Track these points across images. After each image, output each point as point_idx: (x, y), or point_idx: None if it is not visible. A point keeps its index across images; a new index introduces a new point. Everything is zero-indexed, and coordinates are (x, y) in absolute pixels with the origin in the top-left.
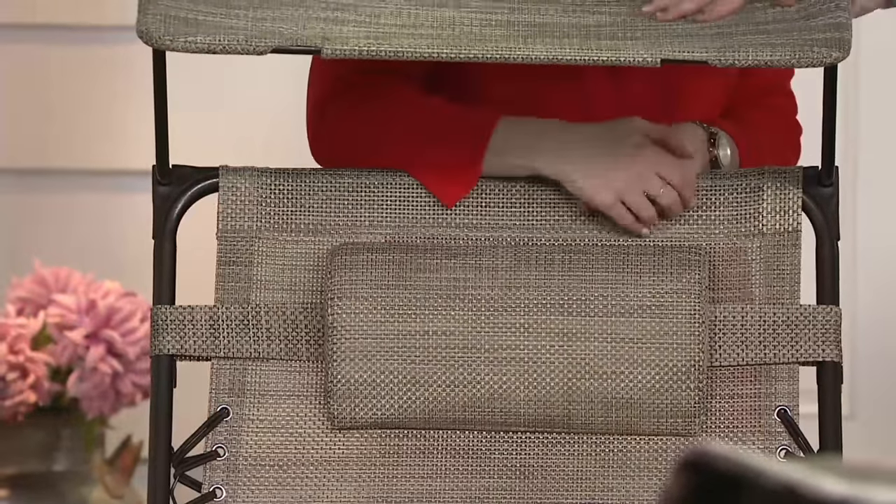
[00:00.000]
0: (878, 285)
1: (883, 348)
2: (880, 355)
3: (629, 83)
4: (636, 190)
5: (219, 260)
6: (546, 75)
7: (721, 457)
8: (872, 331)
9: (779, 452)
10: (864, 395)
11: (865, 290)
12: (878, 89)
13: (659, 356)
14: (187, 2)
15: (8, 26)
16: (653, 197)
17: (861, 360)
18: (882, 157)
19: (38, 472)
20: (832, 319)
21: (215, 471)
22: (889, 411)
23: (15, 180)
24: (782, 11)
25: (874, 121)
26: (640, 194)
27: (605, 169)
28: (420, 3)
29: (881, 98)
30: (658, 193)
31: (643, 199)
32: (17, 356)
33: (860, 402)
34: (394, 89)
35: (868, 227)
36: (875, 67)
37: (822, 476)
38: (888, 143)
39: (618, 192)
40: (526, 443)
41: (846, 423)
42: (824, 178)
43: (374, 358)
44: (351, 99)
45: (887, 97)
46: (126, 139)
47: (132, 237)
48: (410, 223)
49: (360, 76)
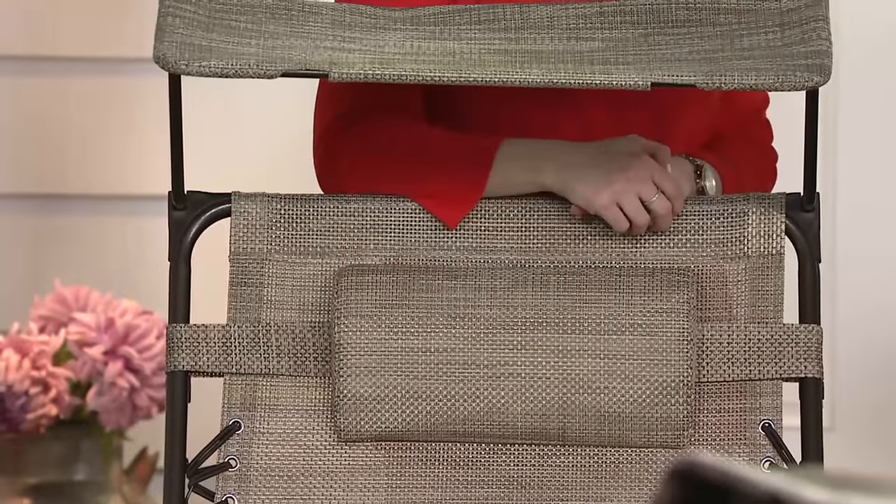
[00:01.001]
0: (857, 305)
1: (861, 365)
2: (859, 371)
3: (625, 110)
4: (632, 194)
5: (231, 281)
6: (547, 105)
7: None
8: (852, 348)
9: (763, 464)
10: (843, 409)
11: (845, 310)
12: (856, 117)
13: (649, 372)
14: (201, 31)
15: (32, 58)
16: (646, 202)
17: (841, 376)
18: (860, 184)
19: (59, 481)
20: (814, 337)
21: (228, 481)
22: (867, 424)
23: (38, 205)
24: (766, 38)
25: (853, 148)
26: (635, 199)
27: (603, 174)
28: (422, 37)
29: (859, 126)
30: (651, 199)
31: (638, 204)
32: (40, 371)
33: (840, 415)
34: (396, 121)
35: (847, 249)
36: (854, 95)
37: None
38: (866, 170)
39: (614, 195)
40: (523, 454)
41: (827, 436)
42: (806, 203)
43: (378, 373)
44: (355, 131)
45: (865, 125)
46: (143, 166)
47: (149, 259)
48: (413, 246)
49: (364, 111)
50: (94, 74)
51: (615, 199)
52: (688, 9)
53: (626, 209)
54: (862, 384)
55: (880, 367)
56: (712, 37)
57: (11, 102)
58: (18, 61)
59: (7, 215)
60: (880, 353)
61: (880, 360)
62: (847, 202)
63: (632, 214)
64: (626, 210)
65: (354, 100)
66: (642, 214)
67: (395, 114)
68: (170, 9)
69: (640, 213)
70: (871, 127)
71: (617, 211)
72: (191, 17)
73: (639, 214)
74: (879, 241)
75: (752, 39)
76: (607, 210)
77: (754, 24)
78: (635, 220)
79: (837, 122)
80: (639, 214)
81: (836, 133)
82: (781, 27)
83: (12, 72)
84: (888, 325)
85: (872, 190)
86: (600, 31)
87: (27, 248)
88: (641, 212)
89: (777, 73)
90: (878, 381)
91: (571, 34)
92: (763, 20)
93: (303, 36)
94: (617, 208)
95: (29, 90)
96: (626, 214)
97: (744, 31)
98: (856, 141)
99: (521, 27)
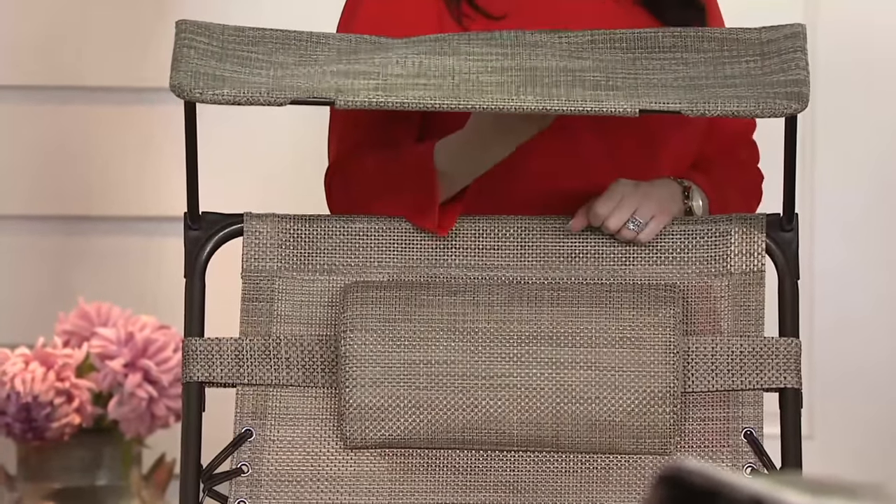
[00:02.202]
0: (833, 320)
1: (839, 376)
2: (836, 382)
3: (614, 132)
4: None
5: (243, 297)
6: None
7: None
8: (829, 360)
9: (745, 469)
10: (821, 417)
11: (822, 324)
12: (832, 142)
13: (638, 383)
14: (215, 61)
15: (58, 88)
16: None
17: (818, 386)
18: (837, 205)
19: (81, 486)
20: (793, 350)
21: (240, 486)
22: (844, 432)
23: (62, 225)
24: (748, 66)
25: (830, 171)
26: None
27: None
28: (422, 52)
29: (835, 150)
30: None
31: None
32: (64, 383)
33: (818, 424)
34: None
35: (824, 266)
36: (829, 120)
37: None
38: (842, 192)
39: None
40: (518, 461)
41: (805, 443)
42: (785, 223)
43: (382, 384)
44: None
45: (841, 149)
46: (160, 189)
47: (166, 276)
48: (414, 264)
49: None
50: (116, 103)
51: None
52: (674, 36)
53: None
54: (838, 395)
55: (856, 378)
56: (697, 63)
57: (39, 129)
58: (46, 91)
59: (33, 235)
60: (856, 365)
61: (856, 371)
62: (824, 221)
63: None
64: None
65: (359, 131)
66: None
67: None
68: (185, 40)
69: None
70: (846, 151)
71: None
72: (205, 48)
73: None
74: (855, 258)
75: (735, 67)
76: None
77: (737, 53)
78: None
79: (815, 147)
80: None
81: (814, 157)
82: (762, 56)
83: (40, 100)
84: (863, 338)
85: (848, 210)
86: (591, 50)
87: (52, 266)
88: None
89: (758, 100)
90: (854, 392)
91: (565, 51)
92: (745, 49)
93: (310, 64)
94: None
95: (55, 118)
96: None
97: (726, 59)
98: (832, 164)
99: (516, 44)
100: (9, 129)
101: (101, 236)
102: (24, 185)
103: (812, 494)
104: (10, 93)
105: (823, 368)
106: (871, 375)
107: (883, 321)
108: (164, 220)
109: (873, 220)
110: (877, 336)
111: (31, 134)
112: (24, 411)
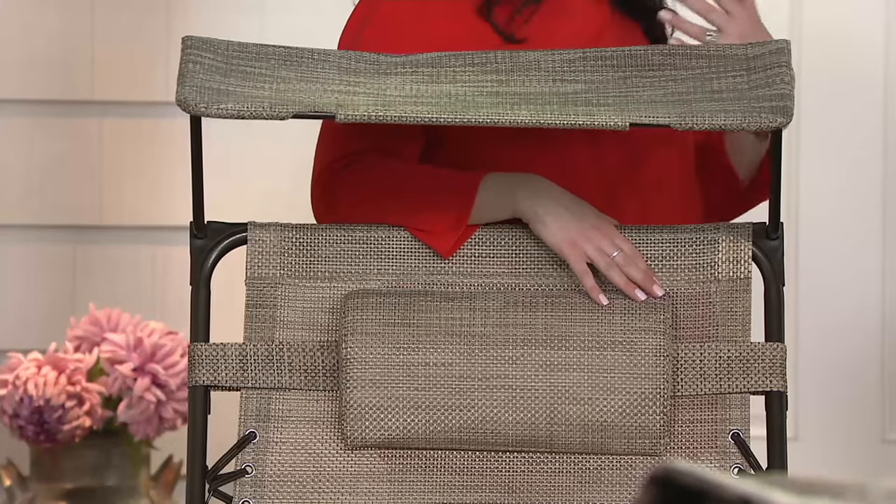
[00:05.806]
0: (817, 324)
1: (823, 379)
2: (820, 385)
3: (604, 148)
4: (594, 241)
5: (247, 303)
6: (533, 144)
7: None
8: (813, 364)
9: (732, 470)
10: (806, 420)
11: (807, 329)
12: (816, 153)
13: (629, 385)
14: (219, 76)
15: (71, 102)
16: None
17: (803, 389)
18: (820, 214)
19: (92, 486)
20: (778, 354)
21: (244, 486)
22: (828, 434)
23: (74, 235)
24: (734, 81)
25: (813, 181)
26: (596, 246)
27: (575, 218)
28: (420, 80)
29: (819, 161)
30: (612, 254)
31: (600, 250)
32: (75, 387)
33: (803, 426)
34: (389, 161)
35: (808, 274)
36: (813, 133)
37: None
38: (825, 201)
39: (579, 238)
40: (513, 461)
41: (791, 445)
42: (771, 232)
43: (381, 385)
44: (353, 170)
45: (824, 160)
46: (167, 199)
47: (173, 284)
48: (413, 271)
49: (362, 153)
50: (125, 117)
51: (578, 241)
52: (663, 54)
53: (589, 252)
54: (822, 397)
55: (839, 381)
56: (685, 79)
57: (52, 142)
58: (59, 105)
59: (46, 244)
60: (839, 369)
61: (839, 374)
62: (808, 229)
63: (592, 254)
64: (589, 252)
65: (353, 142)
66: (604, 256)
67: (389, 156)
68: (191, 56)
69: (602, 256)
70: (829, 162)
71: (579, 251)
72: (210, 63)
73: (600, 256)
74: (838, 266)
75: (722, 82)
76: (572, 248)
77: (723, 68)
78: (596, 260)
79: (800, 158)
80: (600, 256)
81: (799, 168)
82: (748, 71)
83: (53, 114)
84: (847, 342)
85: (831, 218)
86: (583, 73)
87: (64, 274)
88: (603, 255)
89: (744, 114)
90: (837, 394)
91: (556, 76)
92: (731, 65)
93: (312, 80)
94: (580, 249)
95: (67, 131)
96: (590, 256)
97: (713, 74)
98: (816, 174)
99: (510, 69)
100: (23, 142)
101: (111, 245)
102: (37, 195)
103: (799, 495)
104: (25, 107)
105: (807, 372)
106: (854, 378)
107: (865, 326)
108: (171, 229)
109: (856, 229)
110: (859, 340)
111: (44, 146)
112: (37, 414)
